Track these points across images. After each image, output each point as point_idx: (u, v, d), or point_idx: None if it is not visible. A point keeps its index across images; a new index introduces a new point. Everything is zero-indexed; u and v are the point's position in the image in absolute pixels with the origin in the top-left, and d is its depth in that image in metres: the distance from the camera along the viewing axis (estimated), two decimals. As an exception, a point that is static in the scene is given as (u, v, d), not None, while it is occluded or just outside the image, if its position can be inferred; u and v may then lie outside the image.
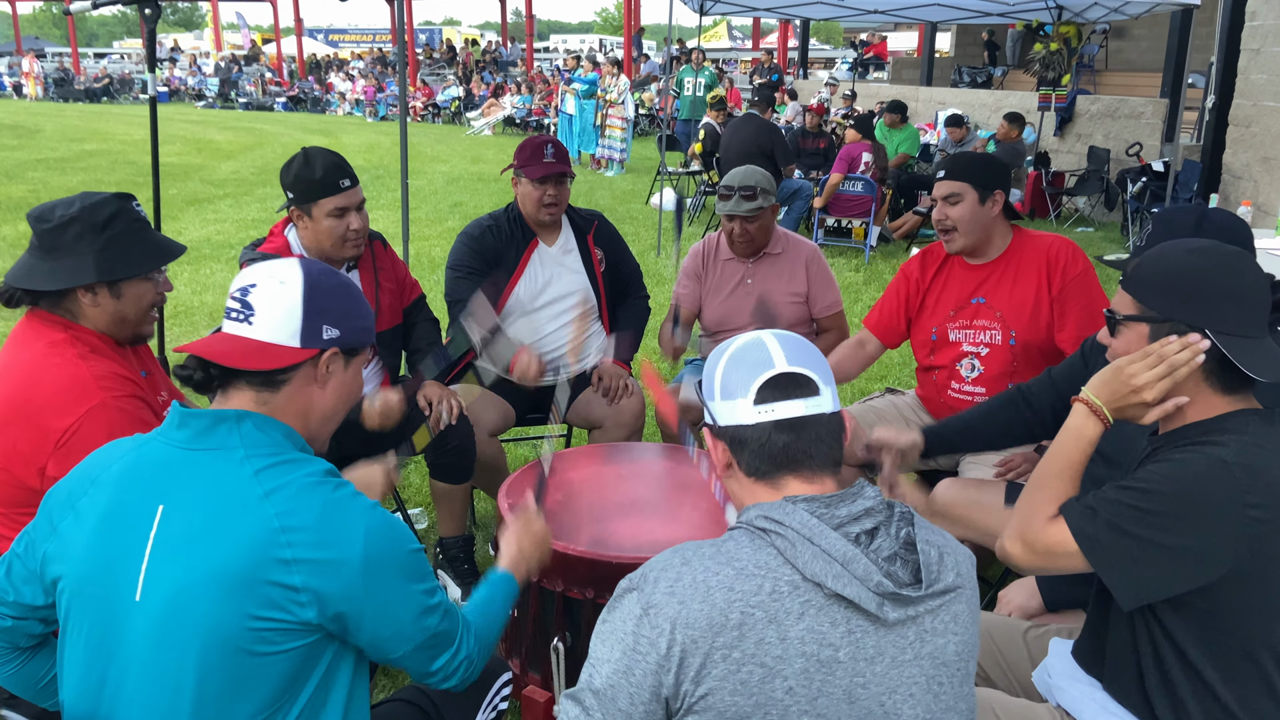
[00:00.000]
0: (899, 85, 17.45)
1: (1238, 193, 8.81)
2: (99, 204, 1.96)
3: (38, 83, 30.41)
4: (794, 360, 1.35)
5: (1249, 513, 1.45)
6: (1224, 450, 1.49)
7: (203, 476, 1.40)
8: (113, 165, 13.99)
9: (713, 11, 10.06)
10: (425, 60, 30.00)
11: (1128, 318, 1.63)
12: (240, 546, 1.34)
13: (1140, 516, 1.49)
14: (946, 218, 2.82)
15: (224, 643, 1.35)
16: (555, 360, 3.40)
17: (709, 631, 1.22)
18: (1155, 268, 1.61)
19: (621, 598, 1.30)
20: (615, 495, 2.58)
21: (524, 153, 3.29)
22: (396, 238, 5.48)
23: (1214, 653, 1.52)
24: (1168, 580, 1.49)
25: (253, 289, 1.48)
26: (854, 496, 1.32)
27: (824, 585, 1.23)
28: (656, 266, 8.03)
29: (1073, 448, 1.64)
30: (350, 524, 1.40)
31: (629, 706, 1.24)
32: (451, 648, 1.55)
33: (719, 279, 3.58)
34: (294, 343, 1.48)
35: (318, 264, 1.55)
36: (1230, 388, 1.56)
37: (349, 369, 1.58)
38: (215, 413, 1.45)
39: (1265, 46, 8.65)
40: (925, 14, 11.01)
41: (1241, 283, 1.55)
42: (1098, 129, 11.75)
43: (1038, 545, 1.61)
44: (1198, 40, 9.78)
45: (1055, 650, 1.80)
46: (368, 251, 3.00)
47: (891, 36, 28.78)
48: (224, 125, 21.88)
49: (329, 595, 1.37)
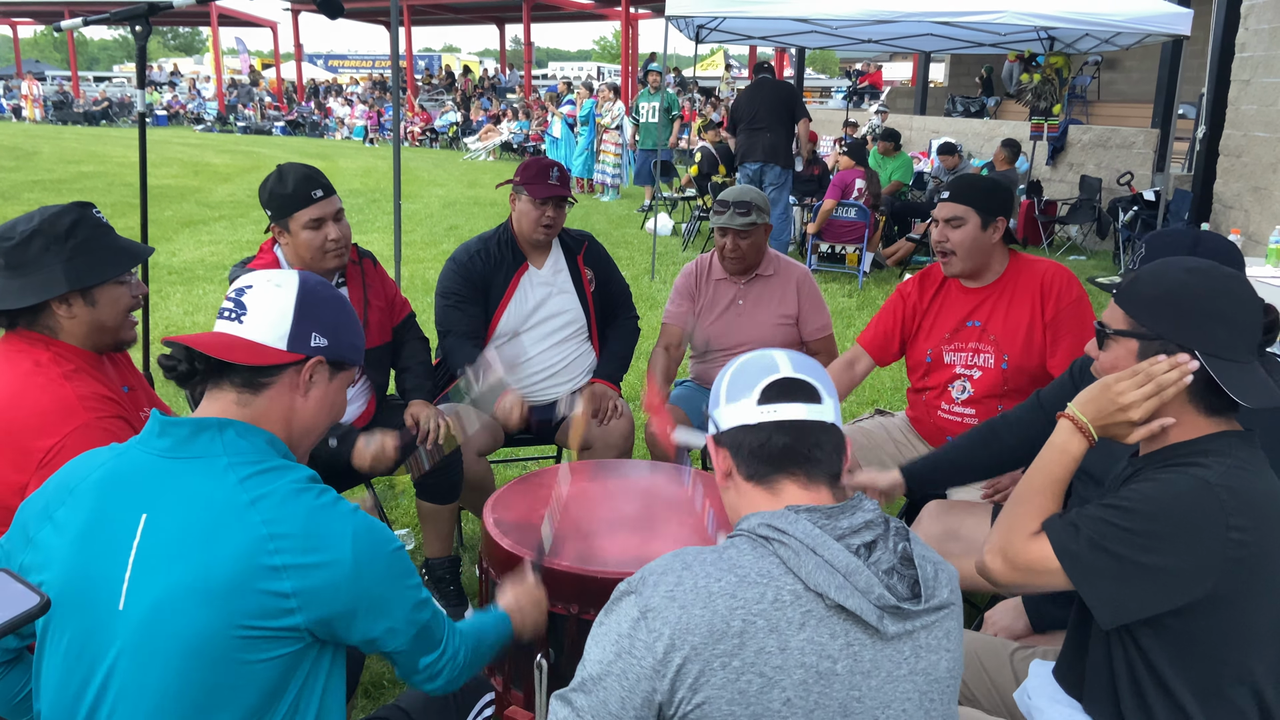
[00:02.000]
0: (894, 114, 17.59)
1: (1228, 222, 8.87)
2: (58, 214, 1.95)
3: (37, 105, 30.56)
4: (799, 369, 1.38)
5: (1231, 535, 1.44)
6: (1208, 472, 1.48)
7: (186, 485, 1.39)
8: (109, 187, 14.02)
9: (709, 40, 10.13)
10: (424, 86, 30.19)
11: (1118, 332, 1.62)
12: (227, 555, 1.33)
13: (1123, 535, 1.48)
14: (947, 240, 2.80)
15: (209, 651, 1.34)
16: (544, 386, 3.40)
17: (709, 638, 1.20)
18: (1151, 284, 1.59)
19: (619, 600, 1.29)
20: (602, 511, 2.56)
21: (528, 171, 3.29)
22: (390, 260, 5.50)
23: (1188, 675, 1.51)
24: (1148, 600, 1.48)
25: (249, 290, 1.50)
26: (854, 509, 1.32)
27: (826, 596, 1.22)
28: (651, 290, 8.04)
29: (1056, 464, 1.63)
30: (337, 528, 1.40)
31: (620, 710, 1.23)
32: (439, 647, 1.56)
33: (711, 298, 3.59)
34: (281, 345, 1.49)
35: (316, 276, 1.57)
36: (1215, 410, 1.56)
37: (333, 382, 1.57)
38: (197, 421, 1.44)
39: (1255, 78, 8.74)
40: (919, 44, 11.09)
41: (1235, 306, 1.54)
42: (1089, 158, 11.84)
43: (1019, 561, 1.59)
44: (1188, 71, 9.87)
45: (1035, 671, 1.79)
46: (357, 269, 3.00)
47: (886, 66, 29.02)
48: (222, 149, 21.97)
49: (321, 598, 1.37)
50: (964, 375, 2.89)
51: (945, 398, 2.93)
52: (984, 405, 2.85)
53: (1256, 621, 1.49)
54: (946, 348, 2.93)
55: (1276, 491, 1.51)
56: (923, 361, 2.98)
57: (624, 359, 3.51)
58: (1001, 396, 2.83)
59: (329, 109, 29.23)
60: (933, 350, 2.95)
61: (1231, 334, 1.53)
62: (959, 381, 2.90)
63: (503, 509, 2.48)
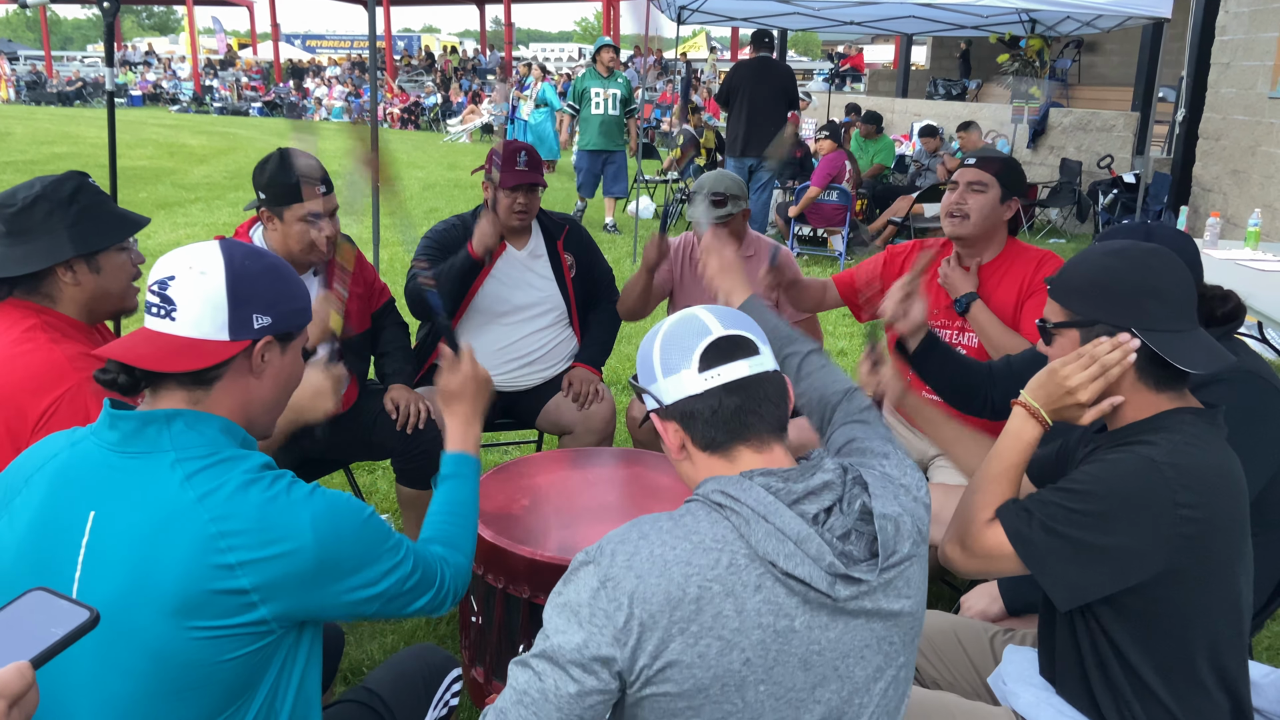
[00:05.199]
0: (875, 97, 17.56)
1: (1207, 205, 8.92)
2: (60, 181, 1.95)
3: (9, 85, 30.08)
4: (730, 324, 1.36)
5: (1180, 512, 1.46)
6: (1154, 450, 1.50)
7: (132, 483, 1.33)
8: (83, 168, 13.35)
9: (691, 21, 10.06)
10: (403, 67, 29.91)
11: (1058, 325, 1.65)
12: (176, 558, 1.28)
13: (1071, 516, 1.51)
14: (965, 202, 2.82)
15: (170, 657, 1.29)
16: (524, 372, 3.37)
17: (666, 606, 1.21)
18: (1075, 273, 1.65)
19: (578, 570, 1.29)
20: (584, 500, 2.54)
21: (499, 158, 3.26)
22: (369, 243, 5.44)
23: (1150, 652, 1.53)
24: (1102, 580, 1.50)
25: (171, 281, 1.37)
26: (812, 470, 1.32)
27: (776, 565, 1.23)
28: (633, 274, 8.00)
29: (1011, 450, 1.64)
30: (294, 515, 1.34)
31: (581, 676, 1.23)
32: (432, 589, 1.51)
33: (693, 277, 3.57)
34: (222, 335, 1.38)
35: (240, 246, 1.43)
36: (1163, 384, 1.57)
37: (286, 354, 1.48)
38: (143, 414, 1.36)
39: (1235, 61, 8.77)
40: (901, 26, 11.06)
41: (1159, 279, 1.57)
42: (1070, 141, 11.87)
43: (976, 548, 1.61)
44: (1168, 55, 9.90)
45: (1009, 657, 1.81)
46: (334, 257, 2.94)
47: (868, 49, 28.98)
48: (198, 129, 21.70)
49: (286, 589, 1.32)
50: None
51: None
52: None
53: (1214, 595, 1.52)
54: (933, 324, 2.94)
55: (1228, 466, 1.53)
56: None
57: (606, 344, 3.49)
58: None
59: (306, 89, 28.93)
60: None
61: (1164, 306, 1.56)
62: None
63: (483, 499, 2.45)
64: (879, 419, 1.59)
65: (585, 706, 1.23)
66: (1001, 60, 11.46)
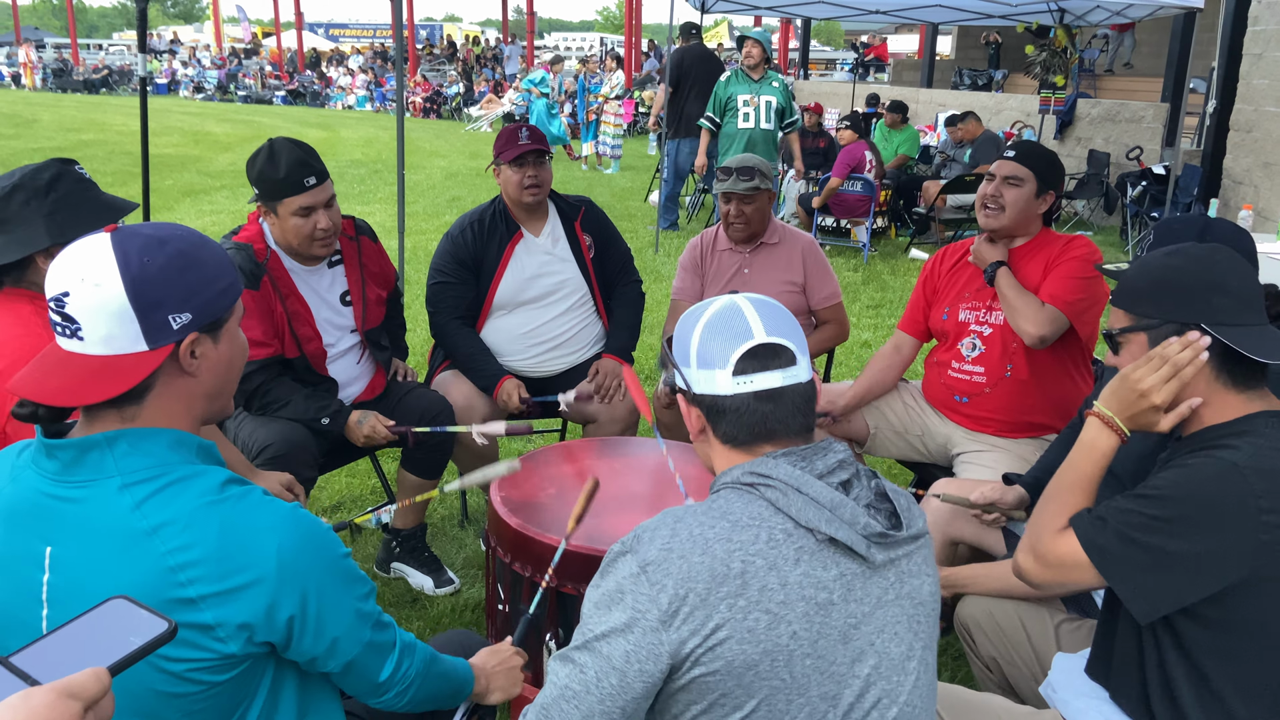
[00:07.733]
0: (899, 87, 17.43)
1: (1238, 197, 8.80)
2: (39, 169, 1.97)
3: (35, 73, 30.32)
4: (772, 331, 1.36)
5: (1263, 518, 1.41)
6: (1236, 454, 1.45)
7: (82, 514, 1.21)
8: (110, 155, 13.93)
9: (715, 10, 10.01)
10: (425, 56, 29.93)
11: (1124, 330, 1.62)
12: (135, 593, 1.16)
13: (1149, 523, 1.46)
14: (1001, 195, 2.82)
15: (143, 693, 1.22)
16: (550, 356, 3.37)
17: (712, 582, 1.22)
18: (1136, 278, 1.62)
19: (615, 561, 1.29)
20: (611, 489, 2.54)
21: (500, 141, 3.29)
22: (394, 231, 5.46)
23: (1233, 670, 1.48)
24: (1180, 589, 1.45)
25: (68, 299, 1.21)
26: (825, 450, 1.34)
27: (817, 530, 1.25)
28: (655, 264, 7.99)
29: (1085, 460, 1.61)
30: (258, 539, 1.23)
31: (624, 664, 1.22)
32: (394, 655, 1.40)
33: (717, 269, 3.58)
34: (140, 347, 1.23)
35: (135, 238, 1.24)
36: (1242, 382, 1.53)
37: (221, 340, 1.33)
38: (80, 441, 1.22)
39: (1267, 51, 8.63)
40: (927, 15, 10.96)
41: (1226, 274, 1.54)
42: (1098, 133, 11.73)
43: (1049, 558, 1.57)
44: (1199, 45, 9.75)
45: (1059, 665, 1.78)
46: (354, 247, 2.94)
47: (892, 39, 28.75)
48: (222, 118, 21.82)
49: (252, 621, 1.22)
50: (975, 331, 2.93)
51: (957, 356, 2.97)
52: (993, 365, 2.88)
53: None
54: (964, 305, 2.97)
55: None
56: (939, 319, 3.03)
57: (633, 328, 3.48)
58: (1012, 356, 2.85)
59: (330, 78, 29.00)
60: (950, 307, 2.99)
61: (1232, 300, 1.52)
62: (969, 339, 2.93)
63: (510, 487, 2.46)
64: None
65: (629, 699, 1.23)
66: (1029, 51, 11.32)
